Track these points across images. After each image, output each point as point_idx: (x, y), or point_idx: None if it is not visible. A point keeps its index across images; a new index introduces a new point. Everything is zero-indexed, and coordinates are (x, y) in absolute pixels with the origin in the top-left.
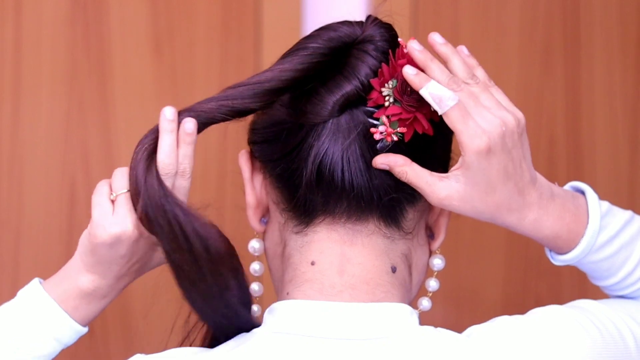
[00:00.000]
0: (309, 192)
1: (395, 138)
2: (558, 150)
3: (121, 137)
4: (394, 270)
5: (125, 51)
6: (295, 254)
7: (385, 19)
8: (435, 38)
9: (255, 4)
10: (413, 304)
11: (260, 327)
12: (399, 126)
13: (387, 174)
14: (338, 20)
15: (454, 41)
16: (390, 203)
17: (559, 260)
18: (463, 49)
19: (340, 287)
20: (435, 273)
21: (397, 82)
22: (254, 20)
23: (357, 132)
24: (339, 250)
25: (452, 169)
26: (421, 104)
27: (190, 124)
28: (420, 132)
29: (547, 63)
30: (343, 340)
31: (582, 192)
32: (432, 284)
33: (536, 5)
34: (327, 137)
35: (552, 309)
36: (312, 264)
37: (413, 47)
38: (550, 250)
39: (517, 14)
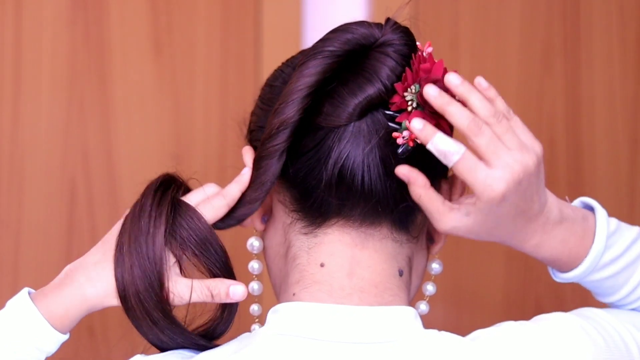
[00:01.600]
0: (327, 194)
1: (418, 141)
2: (558, 151)
3: (121, 137)
4: (401, 273)
5: (125, 51)
6: (303, 255)
7: (404, 23)
8: (452, 79)
9: (255, 4)
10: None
11: (263, 328)
12: None
13: (400, 181)
14: (338, 19)
15: (454, 41)
16: (405, 209)
17: (560, 278)
18: (481, 81)
19: (350, 290)
20: (433, 277)
21: (419, 87)
22: (254, 20)
23: (378, 137)
24: (349, 253)
25: (465, 200)
26: None
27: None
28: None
29: (547, 63)
30: (350, 344)
31: (592, 208)
32: (430, 288)
33: (536, 5)
34: (349, 140)
35: (557, 316)
36: (322, 265)
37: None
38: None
39: (517, 14)
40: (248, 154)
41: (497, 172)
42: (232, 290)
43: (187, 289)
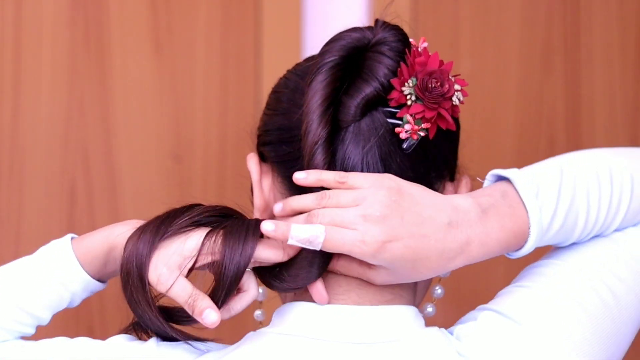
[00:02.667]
0: None
1: (422, 134)
2: (558, 150)
3: (121, 137)
4: None
5: (125, 51)
6: None
7: (391, 22)
8: (266, 227)
9: (255, 4)
10: (418, 309)
11: (267, 327)
12: (423, 123)
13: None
14: (338, 19)
15: (454, 41)
16: None
17: (515, 256)
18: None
19: (347, 287)
20: (440, 280)
21: (417, 80)
22: (254, 20)
23: (377, 135)
24: None
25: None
26: (443, 99)
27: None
28: (444, 127)
29: (547, 63)
30: (351, 344)
31: (504, 178)
32: (438, 291)
33: (536, 5)
34: (350, 141)
35: (537, 299)
36: None
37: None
38: None
39: (517, 14)
40: (252, 160)
41: (359, 227)
42: (206, 313)
43: (179, 286)
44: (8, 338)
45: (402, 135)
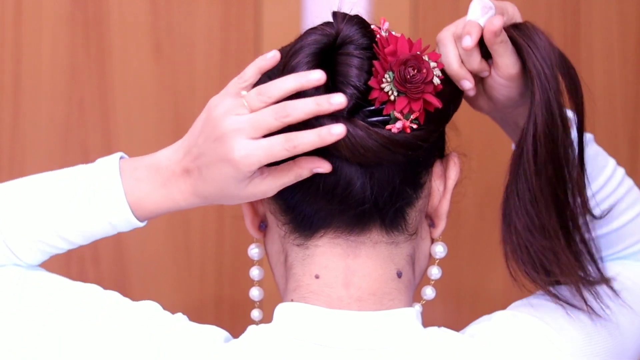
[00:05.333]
0: (312, 206)
1: (414, 126)
2: None
3: (121, 137)
4: (399, 275)
5: (125, 51)
6: (298, 266)
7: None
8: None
9: (255, 4)
10: (417, 293)
11: (271, 325)
12: (412, 114)
13: (387, 183)
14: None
15: None
16: (392, 211)
17: None
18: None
19: (348, 300)
20: (437, 261)
21: (393, 73)
22: (254, 20)
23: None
24: (342, 263)
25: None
26: (424, 83)
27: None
28: (432, 110)
29: None
30: (355, 350)
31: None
32: (435, 272)
33: (536, 5)
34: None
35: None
36: (317, 277)
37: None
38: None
39: None
40: None
41: None
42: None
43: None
44: (41, 259)
45: (394, 132)
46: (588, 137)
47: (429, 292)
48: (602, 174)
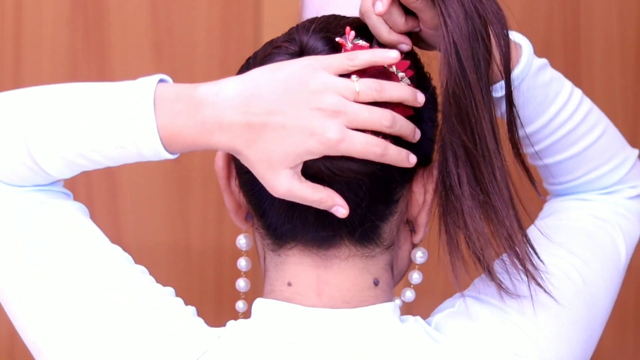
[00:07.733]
0: (278, 218)
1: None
2: None
3: None
4: (376, 283)
5: (125, 51)
6: (272, 270)
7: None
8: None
9: (255, 4)
10: (396, 293)
11: (250, 321)
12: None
13: (355, 202)
14: None
15: None
16: (362, 226)
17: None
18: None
19: (321, 307)
20: (417, 266)
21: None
22: (254, 20)
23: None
24: (314, 273)
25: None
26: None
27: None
28: (405, 116)
29: None
30: (324, 350)
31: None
32: (415, 277)
33: (536, 5)
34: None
35: None
36: (289, 284)
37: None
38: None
39: (517, 14)
40: (220, 161)
41: None
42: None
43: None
44: (69, 174)
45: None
46: (541, 62)
47: (409, 295)
48: (557, 99)
